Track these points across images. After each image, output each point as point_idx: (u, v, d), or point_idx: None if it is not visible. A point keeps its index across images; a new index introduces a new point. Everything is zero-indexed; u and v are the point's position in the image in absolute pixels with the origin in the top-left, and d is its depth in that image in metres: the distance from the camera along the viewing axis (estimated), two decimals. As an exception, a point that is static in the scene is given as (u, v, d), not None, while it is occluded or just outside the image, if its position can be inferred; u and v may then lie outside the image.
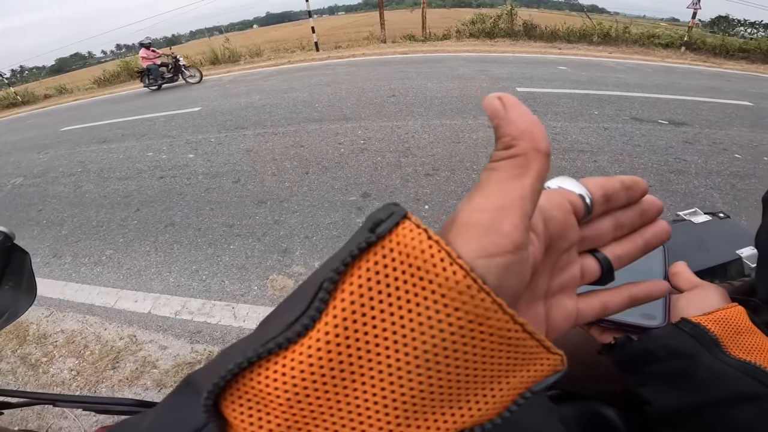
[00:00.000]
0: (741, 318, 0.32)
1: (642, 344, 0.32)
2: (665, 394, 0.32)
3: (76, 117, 6.77)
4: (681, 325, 0.32)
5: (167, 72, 7.96)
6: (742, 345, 0.31)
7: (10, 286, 0.59)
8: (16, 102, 11.44)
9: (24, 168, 4.48)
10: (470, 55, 7.53)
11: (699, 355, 0.30)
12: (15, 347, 1.88)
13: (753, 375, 0.29)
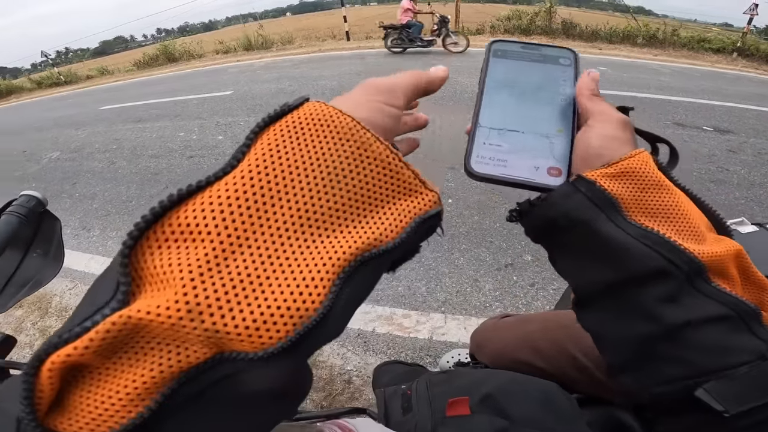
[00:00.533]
0: (647, 169, 0.26)
1: (542, 211, 0.27)
2: (574, 271, 0.28)
3: (114, 97, 7.01)
4: (578, 185, 0.26)
5: (429, 34, 6.91)
6: (648, 205, 0.25)
7: (38, 253, 0.58)
8: (59, 82, 11.98)
9: (61, 143, 4.65)
10: (504, 52, 7.32)
11: (597, 222, 0.24)
12: (36, 319, 1.91)
13: (655, 247, 0.23)
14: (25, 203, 0.54)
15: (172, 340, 0.14)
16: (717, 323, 0.22)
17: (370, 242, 0.17)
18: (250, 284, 0.15)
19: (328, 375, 1.39)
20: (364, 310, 1.62)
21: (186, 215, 0.15)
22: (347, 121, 0.18)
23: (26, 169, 4.08)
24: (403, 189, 0.19)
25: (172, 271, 0.14)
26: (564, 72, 0.33)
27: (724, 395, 0.21)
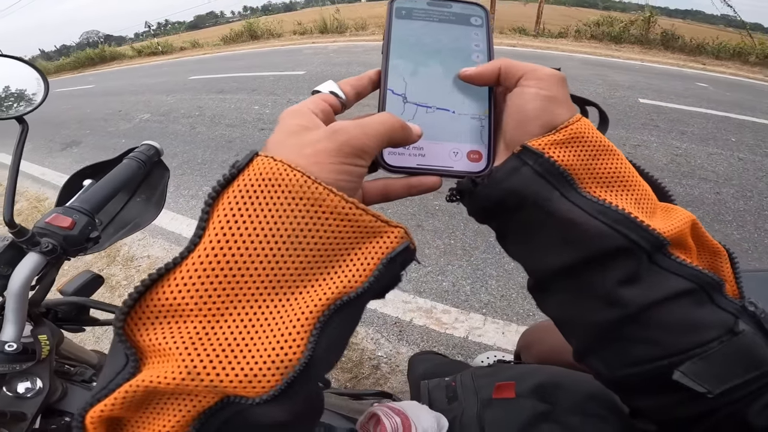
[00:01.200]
0: (593, 133, 0.24)
1: (485, 191, 0.24)
2: (527, 253, 0.25)
3: (202, 68, 7.61)
4: (524, 157, 0.23)
5: None
6: (600, 174, 0.23)
7: (142, 198, 0.65)
8: (157, 51, 13.22)
9: (152, 107, 5.15)
10: (588, 57, 6.85)
11: (549, 200, 0.22)
12: (102, 266, 2.10)
13: (616, 225, 0.21)
14: (146, 151, 0.61)
15: (182, 394, 0.17)
16: (680, 299, 0.21)
17: (340, 291, 0.18)
18: (237, 346, 0.17)
19: (358, 357, 1.41)
20: (405, 299, 1.62)
21: (165, 295, 0.17)
22: (297, 178, 0.18)
23: (119, 127, 4.60)
24: (365, 233, 0.19)
25: (169, 347, 0.17)
26: (477, 34, 0.29)
27: (703, 376, 0.21)
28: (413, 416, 0.38)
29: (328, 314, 0.18)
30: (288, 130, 0.20)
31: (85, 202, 0.51)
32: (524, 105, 0.24)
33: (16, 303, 0.45)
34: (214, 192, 0.18)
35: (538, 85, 0.24)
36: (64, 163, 3.62)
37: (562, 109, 0.24)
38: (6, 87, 0.59)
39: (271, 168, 0.18)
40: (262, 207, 0.18)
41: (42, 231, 0.46)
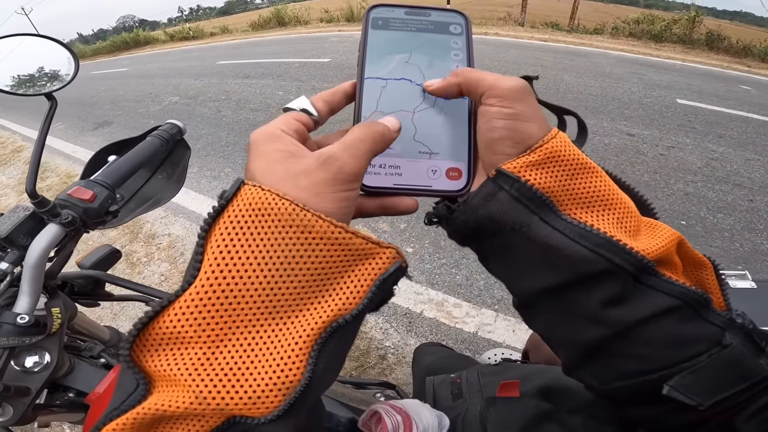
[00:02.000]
0: (570, 151, 0.22)
1: (462, 217, 0.24)
2: (508, 276, 0.25)
3: (230, 53, 7.73)
4: (500, 182, 0.22)
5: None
6: (580, 194, 0.22)
7: (163, 176, 0.66)
8: (188, 36, 13.49)
9: (181, 90, 5.28)
10: (624, 54, 6.57)
11: (528, 226, 0.22)
12: (125, 243, 2.16)
13: (598, 249, 0.21)
14: (169, 130, 0.62)
15: (190, 417, 0.18)
16: (667, 316, 0.21)
17: (335, 314, 0.18)
18: (239, 370, 0.18)
19: (366, 347, 1.42)
20: (417, 290, 1.62)
21: (166, 324, 0.18)
22: (286, 207, 0.18)
23: (149, 108, 4.74)
24: (356, 256, 0.19)
25: (174, 373, 0.17)
26: (456, 42, 0.28)
27: (693, 389, 0.21)
28: (414, 415, 0.38)
29: (324, 336, 0.18)
30: (271, 158, 0.20)
31: (107, 176, 0.52)
32: (490, 125, 0.23)
33: (32, 274, 0.45)
34: (206, 225, 0.19)
35: (500, 103, 0.23)
36: (95, 142, 3.77)
37: (532, 126, 0.22)
38: (39, 65, 0.61)
39: (259, 197, 0.18)
40: (254, 236, 0.18)
41: (63, 203, 0.48)
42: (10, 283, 0.46)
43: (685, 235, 0.24)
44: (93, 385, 0.53)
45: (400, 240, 1.92)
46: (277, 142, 0.21)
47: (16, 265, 0.47)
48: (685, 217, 2.08)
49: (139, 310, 1.69)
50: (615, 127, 3.24)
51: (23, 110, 5.77)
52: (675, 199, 2.24)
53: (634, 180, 2.44)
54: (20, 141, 4.39)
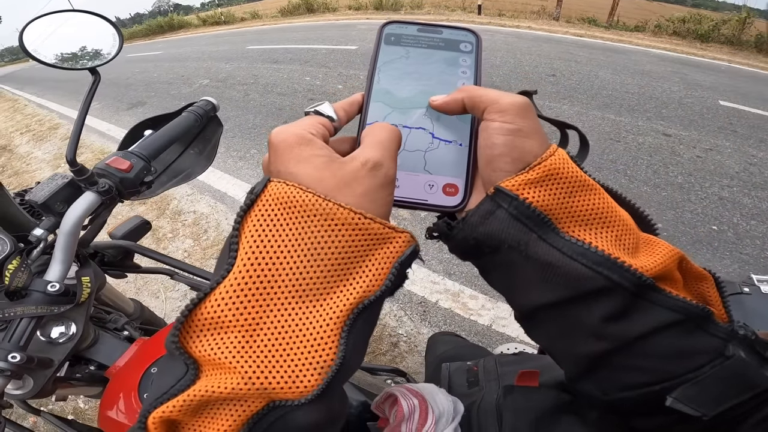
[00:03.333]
0: (569, 168, 0.22)
1: (461, 234, 0.24)
2: (508, 290, 0.25)
3: (259, 39, 7.80)
4: (498, 200, 0.22)
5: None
6: (578, 212, 0.22)
7: (195, 151, 0.67)
8: (220, 21, 13.70)
9: (212, 73, 5.40)
10: (666, 53, 6.25)
11: (527, 244, 0.22)
12: (152, 218, 2.22)
13: (596, 267, 0.21)
14: (204, 106, 0.63)
15: (234, 400, 0.19)
16: (668, 329, 0.21)
17: (360, 296, 0.20)
18: (276, 351, 0.19)
19: (379, 333, 1.44)
20: (434, 280, 1.62)
21: (207, 310, 0.19)
22: (309, 198, 0.19)
23: (181, 90, 4.86)
24: (376, 241, 0.20)
25: (217, 356, 0.19)
26: (465, 60, 0.28)
27: (696, 399, 0.21)
28: (430, 399, 0.37)
29: (352, 318, 0.19)
30: (314, 164, 0.21)
31: (143, 148, 0.54)
32: (490, 141, 0.23)
33: (66, 241, 0.45)
34: (239, 218, 0.20)
35: (502, 118, 0.23)
36: (129, 121, 3.90)
37: (532, 142, 0.23)
38: (85, 41, 0.63)
39: (285, 192, 0.20)
40: (282, 227, 0.19)
41: (101, 172, 0.50)
42: (43, 250, 0.47)
43: (716, 240, 0.23)
44: (114, 358, 0.54)
45: (420, 228, 1.91)
46: (313, 147, 0.21)
47: (51, 231, 0.47)
48: (717, 221, 1.99)
49: (162, 286, 1.76)
50: (651, 126, 3.10)
51: (61, 90, 6.03)
52: (708, 203, 2.15)
53: (667, 181, 2.34)
54: (57, 119, 4.60)
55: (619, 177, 2.40)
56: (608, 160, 2.59)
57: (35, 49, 0.56)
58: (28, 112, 5.34)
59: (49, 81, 7.06)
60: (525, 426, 0.34)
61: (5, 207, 0.52)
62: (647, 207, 2.10)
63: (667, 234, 1.90)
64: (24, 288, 0.43)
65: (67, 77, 6.14)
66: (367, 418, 0.44)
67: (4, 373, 0.39)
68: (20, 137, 4.33)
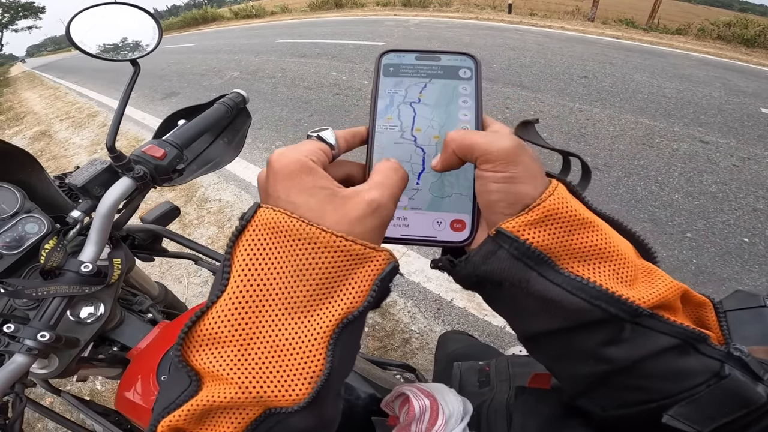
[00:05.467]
0: (568, 208, 0.23)
1: (465, 271, 0.25)
2: (511, 318, 0.27)
3: (288, 33, 7.91)
4: (499, 241, 0.23)
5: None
6: (577, 249, 0.23)
7: (224, 141, 0.69)
8: (251, 14, 13.94)
9: (242, 66, 5.53)
10: (709, 57, 5.94)
11: (527, 281, 0.23)
12: (180, 204, 2.28)
13: (594, 301, 0.22)
14: (234, 98, 0.66)
15: (233, 408, 0.21)
16: (667, 352, 0.22)
17: (345, 311, 0.21)
18: (270, 363, 0.21)
19: (391, 329, 1.45)
20: (449, 278, 1.60)
21: (206, 326, 0.21)
22: (294, 224, 0.21)
23: (212, 82, 5.00)
24: (357, 260, 0.21)
25: (215, 369, 0.20)
26: (465, 88, 0.28)
27: (692, 417, 0.22)
28: (441, 399, 0.37)
29: (338, 332, 0.21)
30: (316, 196, 0.22)
31: (177, 137, 0.56)
32: (485, 188, 0.24)
33: (102, 223, 0.48)
34: (231, 242, 0.22)
35: (493, 169, 0.23)
36: (162, 110, 4.05)
37: (525, 187, 0.23)
38: (125, 33, 0.66)
39: (273, 218, 0.21)
40: (271, 250, 0.21)
41: (137, 158, 0.52)
42: (79, 232, 0.49)
43: (746, 252, 0.23)
44: (137, 339, 0.56)
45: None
46: (314, 176, 0.22)
47: (88, 214, 0.50)
48: (749, 234, 1.89)
49: (185, 271, 1.83)
50: (687, 132, 2.96)
51: (100, 79, 6.30)
52: (741, 214, 2.05)
53: (700, 190, 2.24)
54: (95, 107, 4.82)
55: (649, 183, 2.32)
56: (639, 165, 2.50)
57: (81, 40, 0.59)
58: (68, 100, 5.63)
59: (89, 70, 7.39)
60: (534, 427, 0.34)
61: (45, 189, 0.56)
62: (677, 216, 2.06)
63: (695, 244, 1.82)
64: (58, 267, 0.45)
65: (106, 67, 6.41)
66: (373, 410, 0.45)
67: (31, 352, 0.40)
68: (60, 123, 4.56)
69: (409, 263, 1.70)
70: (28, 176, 0.57)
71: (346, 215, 0.21)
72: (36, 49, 48.27)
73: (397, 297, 1.56)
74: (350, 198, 0.22)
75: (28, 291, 0.42)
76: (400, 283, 1.61)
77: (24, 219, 0.52)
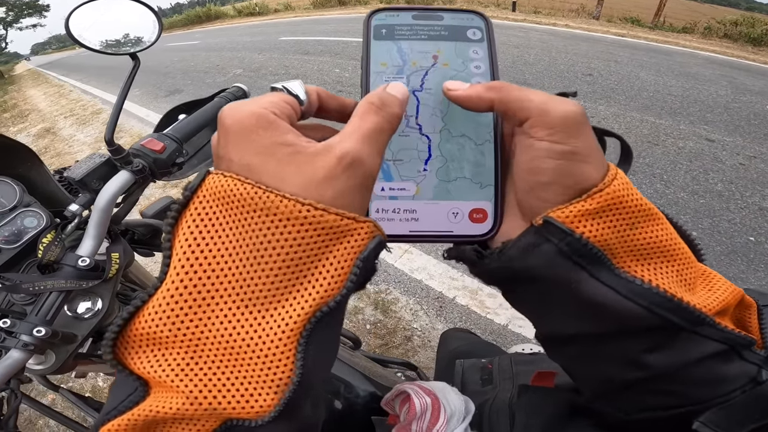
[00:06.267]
0: (631, 195, 0.19)
1: (495, 264, 0.21)
2: (539, 319, 0.23)
3: (291, 30, 7.91)
4: (547, 234, 0.19)
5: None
6: (638, 246, 0.19)
7: None
8: (254, 12, 13.96)
9: (245, 63, 5.54)
10: (715, 56, 5.90)
11: (575, 282, 0.19)
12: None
13: (654, 308, 0.18)
14: (235, 92, 0.66)
15: (185, 420, 0.17)
16: (711, 358, 0.20)
17: (318, 301, 0.17)
18: (226, 368, 0.16)
19: (393, 326, 1.44)
20: (453, 276, 1.61)
21: (141, 325, 0.17)
22: (248, 190, 0.16)
23: (216, 79, 5.02)
24: (332, 236, 0.17)
25: (159, 375, 0.17)
26: (476, 51, 0.23)
27: (722, 424, 0.20)
28: (442, 398, 0.37)
29: (310, 328, 0.17)
30: (275, 155, 0.17)
31: (177, 131, 0.56)
32: (536, 165, 0.19)
33: (100, 217, 0.47)
34: (171, 219, 0.17)
35: (552, 137, 0.18)
36: (167, 108, 3.99)
37: (589, 167, 0.19)
38: (126, 27, 0.66)
39: (222, 185, 0.17)
40: (222, 226, 0.17)
41: (136, 152, 0.52)
42: (77, 225, 0.49)
43: (752, 251, 0.22)
44: None
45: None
46: (275, 131, 0.17)
47: (86, 207, 0.49)
48: (755, 233, 1.88)
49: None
50: (693, 130, 2.94)
51: (105, 77, 6.32)
52: (747, 213, 2.03)
53: (706, 188, 2.22)
54: (100, 104, 4.84)
55: (654, 182, 2.30)
56: (644, 163, 2.48)
57: (80, 35, 0.59)
58: (72, 97, 5.65)
59: (94, 68, 7.42)
60: (537, 427, 0.33)
61: (44, 183, 0.55)
62: (682, 214, 2.05)
63: (701, 243, 1.80)
64: (56, 262, 0.44)
65: (110, 65, 6.44)
66: (374, 409, 0.45)
67: (27, 348, 0.39)
68: (64, 120, 4.59)
69: (412, 260, 1.70)
70: (28, 170, 0.56)
71: (313, 176, 0.17)
72: (40, 47, 48.69)
73: (399, 294, 1.56)
74: (319, 155, 0.17)
75: (25, 285, 0.41)
76: (402, 280, 1.61)
77: (23, 213, 0.51)
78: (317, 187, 0.17)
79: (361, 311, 1.51)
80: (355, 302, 1.53)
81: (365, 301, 1.54)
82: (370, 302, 1.53)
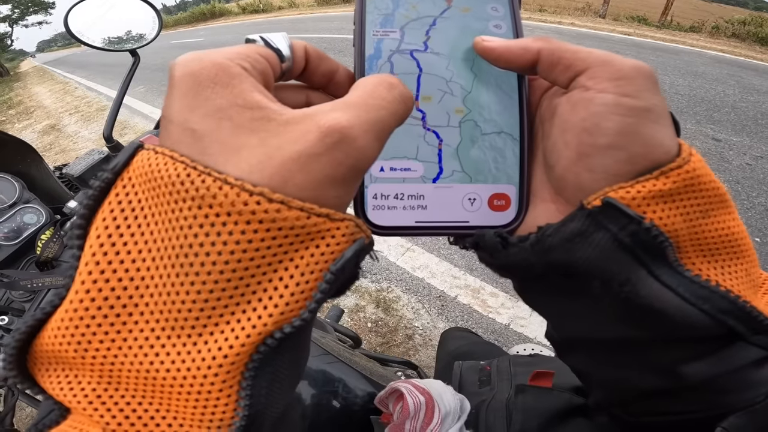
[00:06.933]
0: (707, 177, 0.15)
1: (524, 255, 0.16)
2: (563, 319, 0.19)
3: (295, 28, 7.90)
4: (602, 219, 0.14)
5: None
6: (708, 238, 0.16)
7: None
8: (258, 9, 13.98)
9: (250, 59, 5.56)
10: (723, 55, 5.84)
11: (634, 282, 0.15)
12: None
13: (720, 316, 0.15)
14: None
15: None
16: (749, 366, 0.16)
17: (270, 325, 0.12)
18: (150, 401, 0.13)
19: (395, 324, 1.44)
20: (455, 275, 1.60)
21: (45, 341, 0.13)
22: (179, 172, 0.12)
23: (220, 75, 5.03)
24: (292, 237, 0.12)
25: (70, 401, 0.13)
26: (496, 10, 0.19)
27: (744, 429, 0.17)
28: (437, 397, 0.36)
29: (259, 357, 0.13)
30: (234, 120, 0.13)
31: (173, 129, 0.56)
32: (594, 123, 0.15)
33: None
34: (86, 209, 0.13)
35: (619, 89, 0.15)
36: (170, 105, 4.07)
37: (662, 131, 0.15)
38: (126, 24, 0.66)
39: (150, 164, 0.12)
40: (145, 219, 0.13)
41: (134, 150, 0.52)
42: None
43: (758, 252, 0.21)
44: None
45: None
46: (235, 88, 0.13)
47: None
48: (761, 233, 1.87)
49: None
50: (700, 130, 2.92)
51: (110, 74, 6.36)
52: (754, 213, 2.01)
53: (712, 191, 2.21)
54: (104, 101, 4.87)
55: (658, 183, 2.29)
56: (648, 164, 2.47)
57: (80, 31, 0.59)
58: (77, 95, 5.69)
59: (98, 65, 7.46)
60: (534, 426, 0.33)
61: (44, 180, 0.56)
62: None
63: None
64: (54, 259, 0.45)
65: (115, 62, 6.46)
66: (372, 409, 0.44)
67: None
68: (69, 117, 4.61)
69: (414, 258, 1.69)
70: (27, 167, 0.57)
71: (278, 152, 0.12)
72: (46, 44, 49.02)
73: (401, 293, 1.56)
74: (294, 123, 0.13)
75: (23, 282, 0.42)
76: (404, 278, 1.61)
77: (22, 209, 0.52)
78: (282, 168, 0.12)
79: (363, 309, 1.51)
80: (356, 300, 1.53)
81: (367, 299, 1.54)
82: (372, 300, 1.53)
